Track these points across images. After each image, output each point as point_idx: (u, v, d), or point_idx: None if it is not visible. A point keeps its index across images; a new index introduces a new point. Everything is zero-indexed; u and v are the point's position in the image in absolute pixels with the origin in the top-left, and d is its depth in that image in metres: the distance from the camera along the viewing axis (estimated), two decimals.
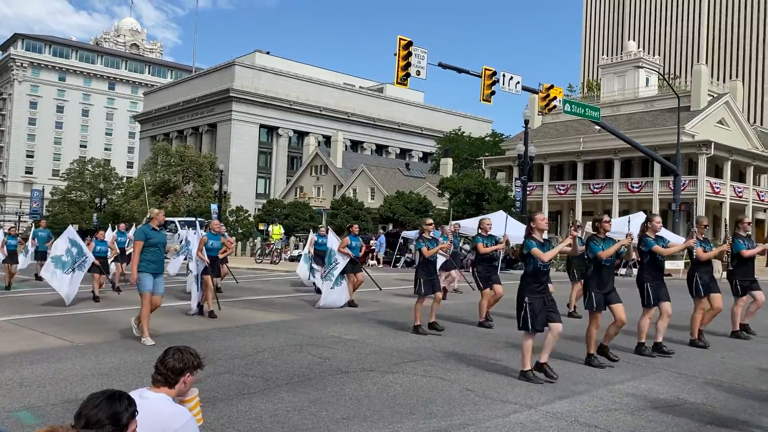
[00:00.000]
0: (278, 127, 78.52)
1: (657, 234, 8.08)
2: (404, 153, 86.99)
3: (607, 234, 9.03)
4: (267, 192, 77.58)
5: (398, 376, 6.53)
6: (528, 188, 33.91)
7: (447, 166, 58.25)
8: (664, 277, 8.31)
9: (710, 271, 8.92)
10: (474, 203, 33.86)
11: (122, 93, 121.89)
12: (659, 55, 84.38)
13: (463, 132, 68.27)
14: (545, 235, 10.46)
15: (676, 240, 24.53)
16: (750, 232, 9.71)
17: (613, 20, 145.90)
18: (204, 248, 11.25)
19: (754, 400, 5.90)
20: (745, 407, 5.65)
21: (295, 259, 35.19)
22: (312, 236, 15.76)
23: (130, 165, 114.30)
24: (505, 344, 8.59)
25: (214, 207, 46.48)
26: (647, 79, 50.62)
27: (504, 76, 22.18)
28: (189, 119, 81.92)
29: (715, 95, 46.48)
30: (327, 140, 75.79)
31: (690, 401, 5.80)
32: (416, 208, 38.14)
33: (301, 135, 79.85)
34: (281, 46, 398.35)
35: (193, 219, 29.24)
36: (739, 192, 41.72)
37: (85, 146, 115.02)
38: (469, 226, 25.77)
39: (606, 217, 7.66)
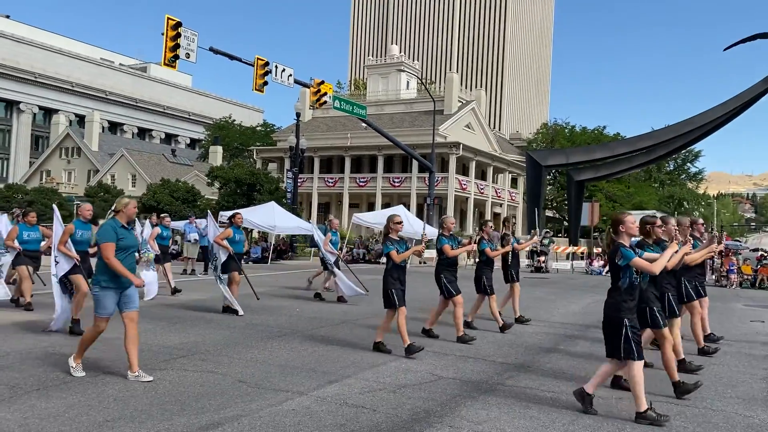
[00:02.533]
0: (20, 102, 69.31)
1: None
2: (170, 138, 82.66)
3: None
4: (5, 175, 68.11)
5: (167, 373, 6.27)
6: (299, 180, 34.55)
7: (217, 155, 56.73)
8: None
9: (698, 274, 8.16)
10: (245, 193, 33.45)
11: None
12: (419, 60, 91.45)
13: (234, 120, 67.02)
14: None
15: (427, 229, 26.83)
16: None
17: (379, 23, 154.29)
18: (70, 240, 8.46)
19: (495, 372, 6.81)
20: (488, 378, 6.50)
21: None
22: (153, 228, 12.86)
23: None
24: (276, 334, 8.73)
25: None
26: (408, 83, 54.61)
27: (277, 67, 22.30)
28: None
29: (464, 101, 51.85)
30: (81, 120, 68.89)
31: (443, 376, 6.50)
32: (183, 197, 36.47)
33: (49, 112, 71.47)
34: (25, 10, 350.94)
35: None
36: (482, 189, 47.14)
37: None
38: (248, 218, 25.41)
39: (659, 221, 6.35)
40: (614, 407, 5.58)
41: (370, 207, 43.80)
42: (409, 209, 35.42)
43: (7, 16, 73.66)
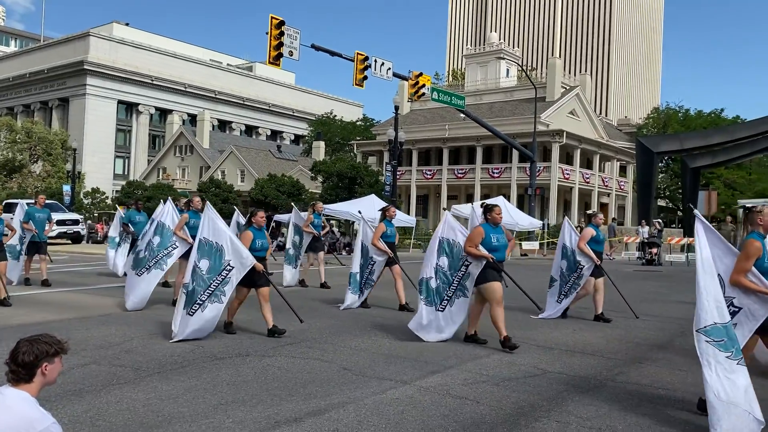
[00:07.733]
0: (138, 104, 74.22)
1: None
2: (275, 135, 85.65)
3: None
4: (126, 173, 73.33)
5: (276, 360, 6.51)
6: (398, 173, 34.75)
7: (319, 150, 58.18)
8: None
9: None
10: (346, 187, 34.19)
11: None
12: (519, 47, 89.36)
13: (335, 115, 68.40)
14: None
15: (527, 220, 25.92)
16: None
17: (477, 12, 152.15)
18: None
19: (604, 367, 6.54)
20: (596, 373, 6.25)
21: None
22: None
23: None
24: (377, 325, 8.83)
25: (66, 188, 43.27)
26: (507, 70, 53.42)
27: (376, 61, 22.51)
28: (37, 92, 75.22)
29: (568, 87, 50.05)
30: (192, 119, 72.88)
31: (549, 370, 6.31)
32: (289, 191, 37.80)
33: (164, 113, 76.07)
34: (142, 18, 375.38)
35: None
36: (587, 178, 45.42)
37: None
38: (342, 209, 25.91)
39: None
40: None
41: (469, 198, 43.32)
42: (509, 200, 34.76)
43: (127, 24, 79.03)
